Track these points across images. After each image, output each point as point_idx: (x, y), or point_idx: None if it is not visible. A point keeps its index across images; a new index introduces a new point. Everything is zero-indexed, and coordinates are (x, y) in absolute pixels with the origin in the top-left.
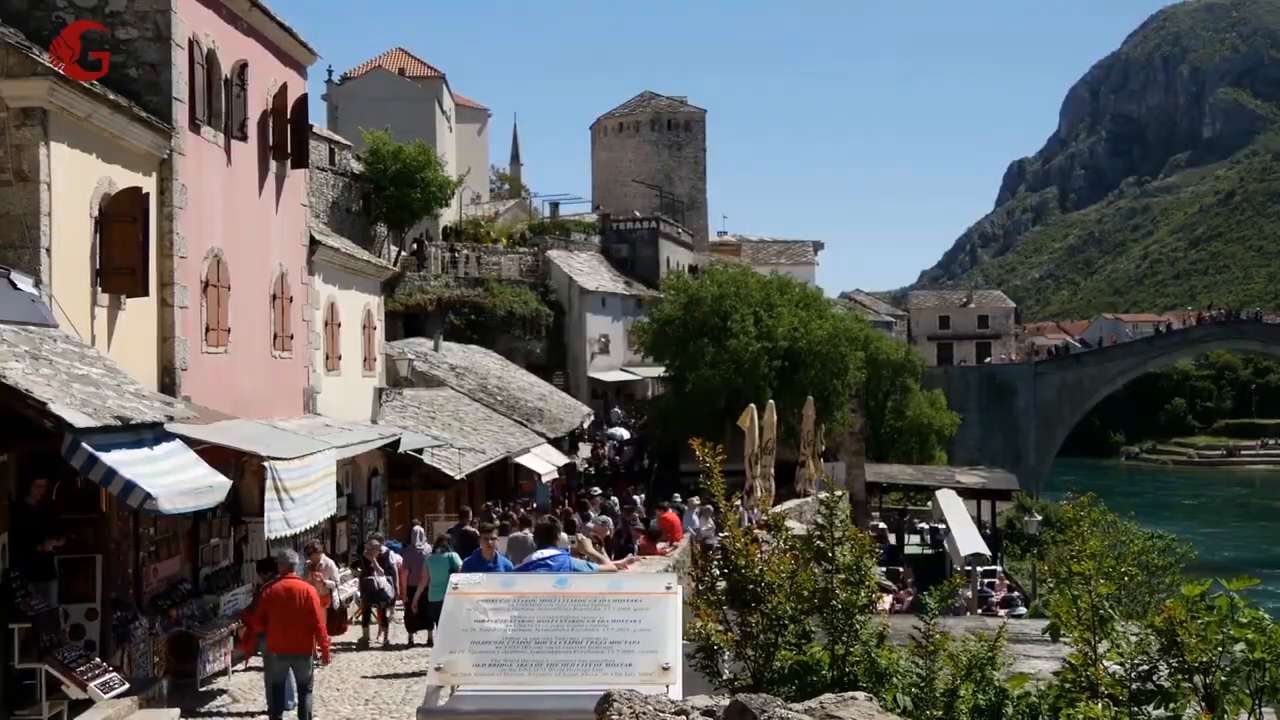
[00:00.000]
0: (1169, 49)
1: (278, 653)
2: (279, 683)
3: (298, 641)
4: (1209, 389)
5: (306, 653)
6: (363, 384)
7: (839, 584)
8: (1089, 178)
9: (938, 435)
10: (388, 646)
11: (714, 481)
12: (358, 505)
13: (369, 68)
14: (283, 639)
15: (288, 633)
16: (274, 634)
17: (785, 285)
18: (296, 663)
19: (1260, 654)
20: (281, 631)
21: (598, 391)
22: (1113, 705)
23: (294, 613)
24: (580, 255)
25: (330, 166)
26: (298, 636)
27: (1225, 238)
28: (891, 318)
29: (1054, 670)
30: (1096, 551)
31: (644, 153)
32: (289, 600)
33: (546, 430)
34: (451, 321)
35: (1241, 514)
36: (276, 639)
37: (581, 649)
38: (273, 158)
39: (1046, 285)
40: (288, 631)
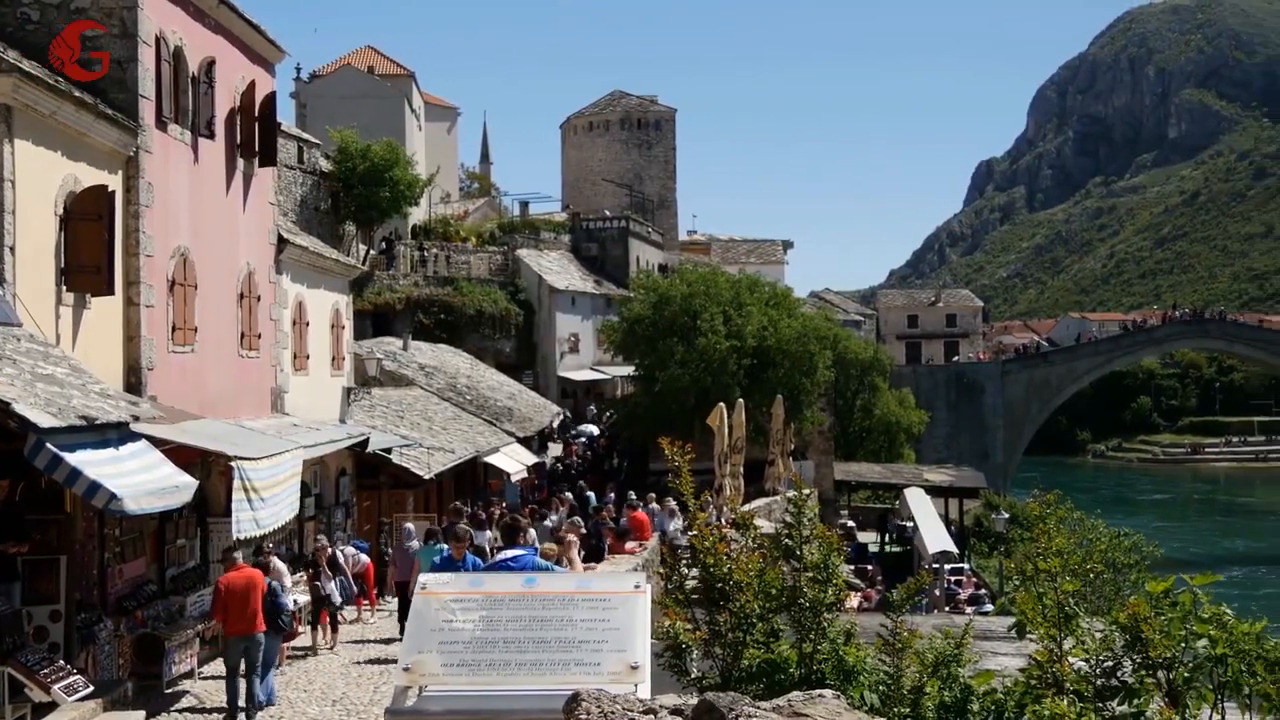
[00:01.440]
0: (1135, 50)
1: (233, 636)
2: (235, 665)
3: (249, 624)
4: (1174, 387)
5: (256, 633)
6: (331, 383)
7: (807, 582)
8: (1056, 177)
9: (906, 434)
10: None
11: (683, 480)
12: (326, 505)
13: (338, 65)
14: (235, 622)
15: (241, 616)
16: (229, 619)
17: (754, 284)
18: (249, 645)
19: (1223, 650)
20: (236, 616)
21: (567, 390)
22: (1078, 701)
23: (244, 597)
24: (550, 254)
25: (299, 165)
26: (249, 619)
27: (1190, 237)
28: (860, 317)
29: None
30: (1062, 549)
31: (614, 152)
32: (240, 586)
33: (516, 429)
34: (420, 320)
35: (1206, 511)
36: (231, 623)
37: (550, 648)
38: (240, 155)
39: (1014, 284)
40: (241, 615)
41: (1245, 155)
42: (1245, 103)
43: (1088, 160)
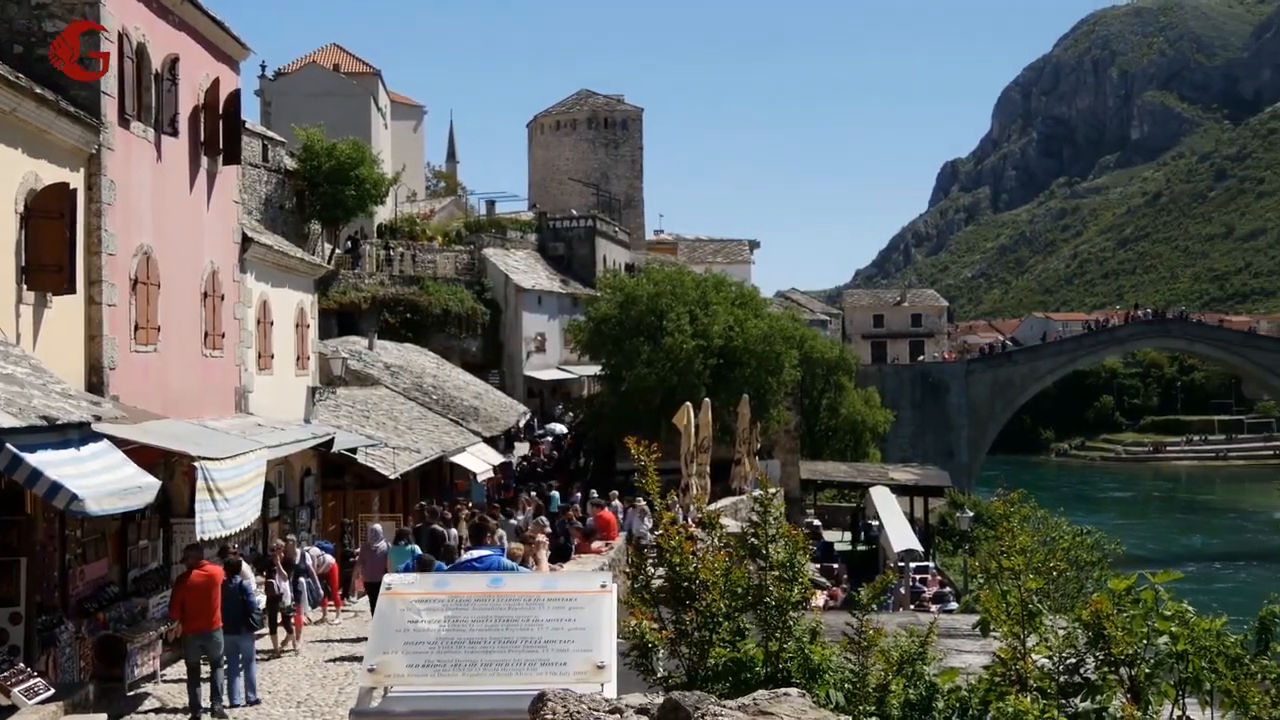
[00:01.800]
0: (1099, 52)
1: (191, 633)
2: (195, 663)
3: (207, 621)
4: (1136, 387)
5: (214, 630)
6: (296, 383)
7: (773, 581)
8: (1020, 178)
9: (871, 433)
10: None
11: (649, 479)
12: (290, 505)
13: (303, 63)
14: (194, 620)
15: (199, 614)
16: (188, 616)
17: (721, 284)
18: (207, 642)
19: (1183, 646)
20: (195, 613)
21: (534, 390)
22: (1041, 698)
23: (203, 595)
24: (516, 253)
25: (263, 163)
26: (208, 615)
27: (1152, 238)
28: (826, 316)
29: (984, 664)
30: (1026, 547)
31: (581, 151)
32: (200, 584)
33: (482, 429)
34: (386, 320)
35: (1167, 509)
36: (190, 621)
37: (516, 648)
38: (204, 153)
39: (978, 284)
40: (199, 613)
41: (1206, 157)
42: (1206, 105)
43: (1051, 161)
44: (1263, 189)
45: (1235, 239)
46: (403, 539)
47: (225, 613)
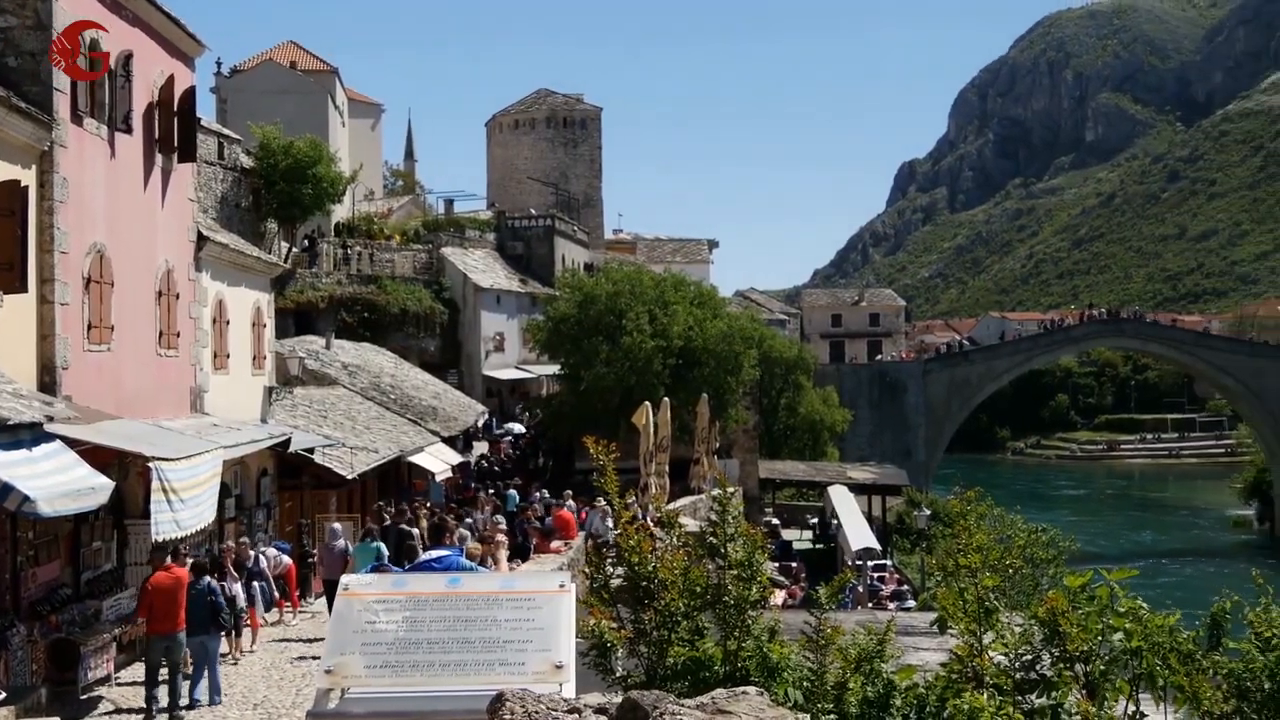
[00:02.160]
0: (1054, 54)
1: (154, 634)
2: (156, 665)
3: (172, 623)
4: (1091, 386)
5: (178, 632)
6: (252, 382)
7: (731, 580)
8: (977, 179)
9: (830, 432)
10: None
11: (608, 479)
12: (247, 506)
13: (259, 60)
14: (159, 621)
15: (165, 616)
16: (153, 618)
17: (680, 283)
18: (170, 644)
19: (1137, 643)
20: (160, 615)
21: (492, 390)
22: (998, 695)
23: (169, 597)
24: (475, 252)
25: (219, 161)
26: (172, 617)
27: (1107, 238)
28: (785, 316)
29: (941, 662)
30: (982, 545)
31: (539, 150)
32: (166, 586)
33: (440, 429)
34: (344, 319)
35: (1120, 506)
36: (154, 622)
37: (474, 649)
38: (159, 151)
39: (936, 284)
40: (165, 614)
41: (1159, 158)
42: (1159, 107)
43: (1007, 162)
44: (1214, 190)
45: (1188, 240)
46: (369, 537)
47: (193, 613)
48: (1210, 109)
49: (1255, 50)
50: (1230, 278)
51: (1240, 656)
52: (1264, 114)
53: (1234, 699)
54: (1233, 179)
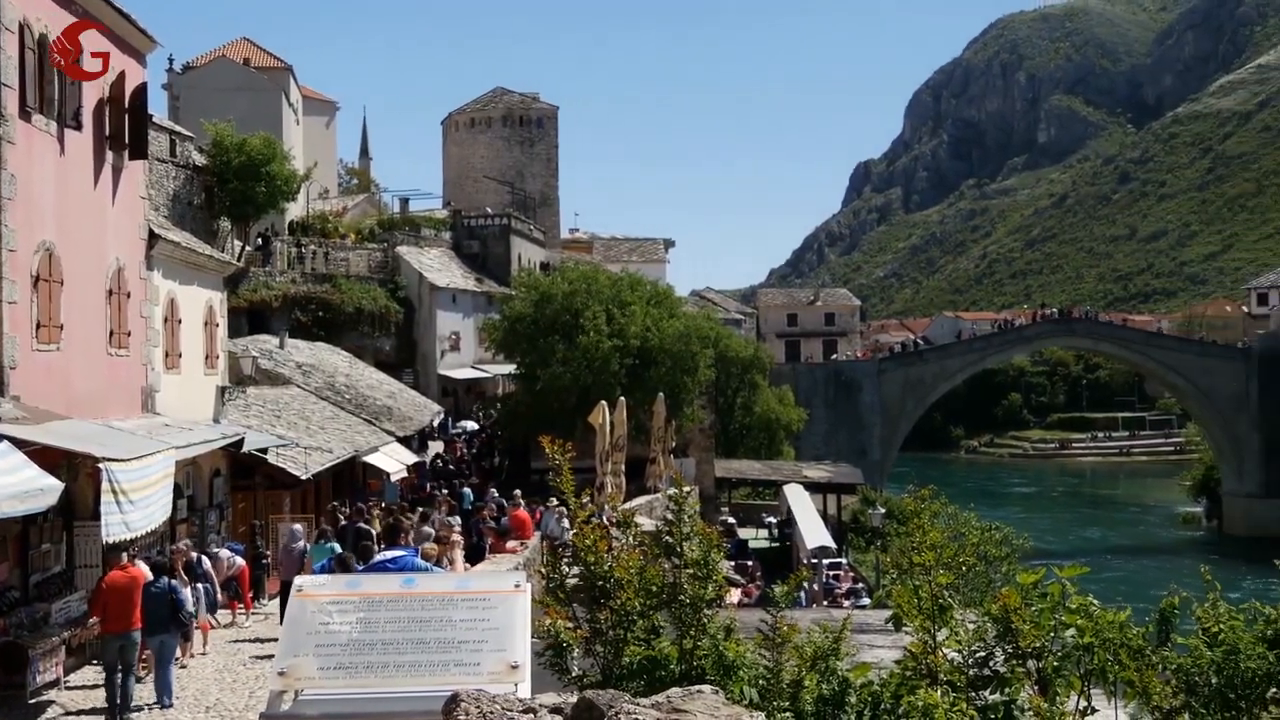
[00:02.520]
0: (1007, 56)
1: (109, 634)
2: (113, 664)
3: (126, 623)
4: (1043, 385)
5: (132, 631)
6: (204, 382)
7: (687, 579)
8: (931, 179)
9: (785, 431)
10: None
11: (564, 479)
12: (199, 507)
13: (212, 57)
14: (113, 621)
15: (119, 615)
16: (107, 617)
17: (636, 283)
18: (125, 644)
19: (1089, 639)
20: (115, 614)
21: (448, 389)
22: (951, 691)
23: (125, 596)
24: (430, 251)
25: (171, 158)
26: (127, 617)
27: (1059, 239)
28: (741, 315)
29: (896, 659)
30: (936, 543)
31: (496, 149)
32: (122, 585)
33: (395, 429)
34: (298, 318)
35: (1073, 503)
36: (109, 621)
37: (429, 649)
38: (109, 148)
39: (890, 284)
40: (119, 614)
41: (1110, 160)
42: (1110, 109)
43: (961, 163)
44: (1164, 192)
45: (1138, 240)
46: (323, 538)
47: (153, 613)
48: (1160, 111)
49: (1204, 54)
50: (1179, 278)
51: (1188, 652)
52: (1212, 116)
53: (1182, 694)
54: (1182, 180)
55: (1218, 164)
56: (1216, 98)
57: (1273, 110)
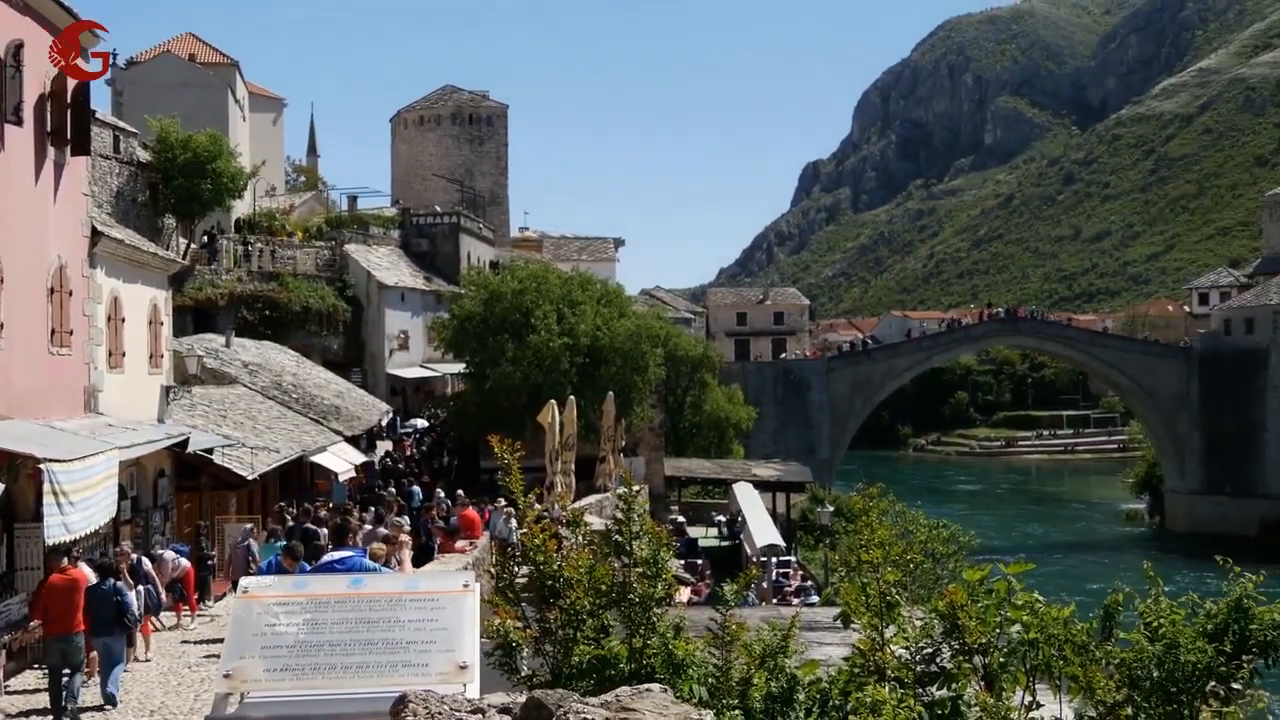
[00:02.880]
0: (955, 58)
1: (51, 636)
2: (56, 667)
3: (67, 625)
4: (989, 383)
5: (74, 634)
6: (149, 381)
7: (637, 578)
8: (879, 179)
9: (735, 429)
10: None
11: (513, 478)
12: (143, 508)
13: (157, 52)
14: (54, 623)
15: (60, 617)
16: (48, 619)
17: (586, 282)
18: (66, 646)
19: (1034, 634)
20: (56, 617)
21: (397, 388)
22: (899, 688)
23: (65, 599)
24: (379, 250)
25: (115, 154)
26: (68, 619)
27: (1005, 239)
28: (691, 314)
29: (844, 656)
30: (884, 540)
31: (445, 147)
32: (62, 587)
33: (343, 428)
34: (244, 317)
35: (1018, 501)
36: (50, 624)
37: (377, 650)
38: (51, 144)
39: (839, 283)
40: (60, 616)
41: (1055, 161)
42: (1056, 111)
43: (909, 164)
44: (1108, 193)
45: (1082, 240)
46: (273, 538)
47: (98, 614)
48: (1104, 113)
49: (1147, 57)
50: (1123, 278)
51: (1131, 646)
52: (1155, 119)
53: (1125, 688)
54: (1125, 182)
55: (1160, 166)
56: (1159, 100)
57: (1214, 113)
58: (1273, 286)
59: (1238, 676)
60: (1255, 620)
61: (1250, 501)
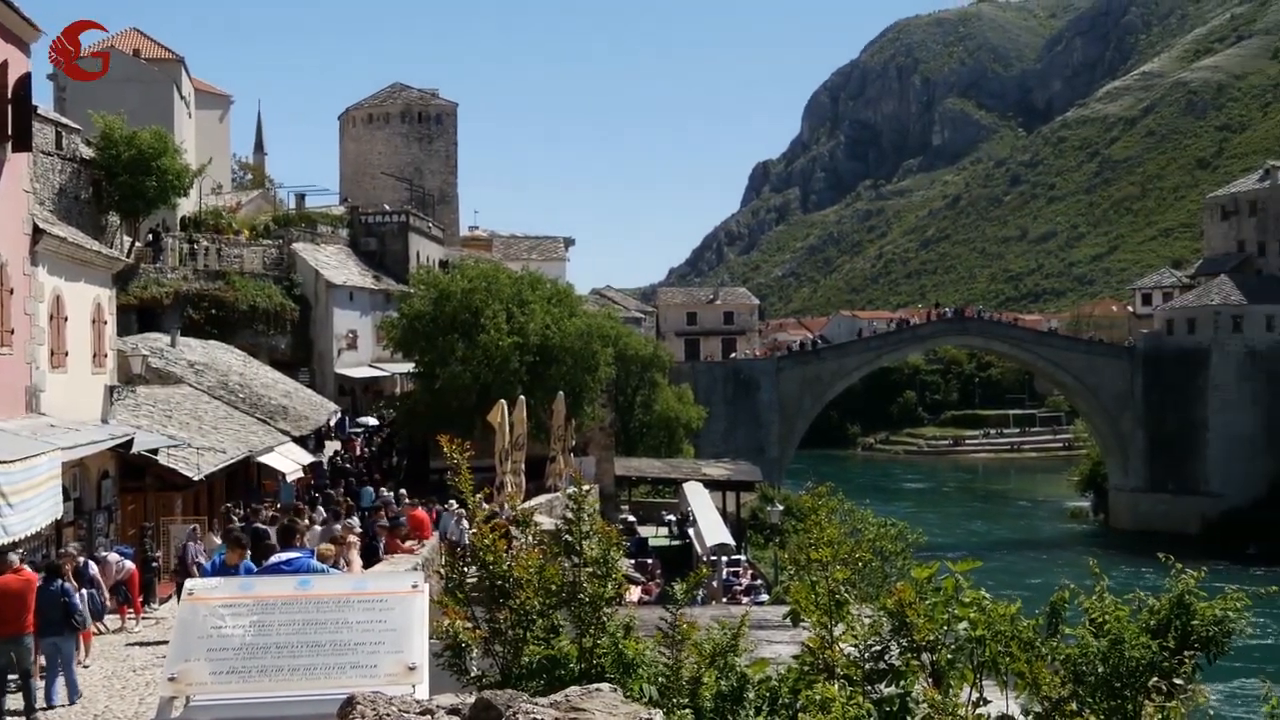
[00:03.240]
0: (903, 59)
1: (3, 637)
2: (4, 669)
3: (18, 626)
4: (937, 383)
5: (24, 635)
6: (92, 381)
7: (587, 577)
8: (829, 180)
9: (685, 429)
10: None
11: (462, 478)
12: (86, 509)
13: (101, 48)
14: (4, 625)
15: (11, 619)
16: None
17: (536, 281)
18: (17, 648)
19: (981, 631)
20: (6, 619)
21: (345, 388)
22: (848, 685)
23: (15, 600)
24: (327, 248)
25: (57, 151)
26: (19, 620)
27: (952, 239)
28: (641, 314)
29: (794, 654)
30: (833, 539)
31: (394, 145)
32: (13, 589)
33: (291, 428)
34: (190, 316)
35: (966, 499)
36: (3, 624)
37: (324, 652)
38: None
39: (788, 283)
40: (11, 618)
41: (1002, 162)
42: (1002, 112)
43: (858, 164)
44: (1053, 194)
45: (1029, 241)
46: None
47: (46, 615)
48: (1050, 115)
49: (1092, 60)
50: (1068, 278)
51: (1076, 642)
52: (1099, 121)
53: (1070, 683)
54: (1070, 183)
55: (1104, 168)
56: (1103, 103)
57: (1157, 116)
58: (1214, 287)
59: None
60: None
61: (1192, 499)
